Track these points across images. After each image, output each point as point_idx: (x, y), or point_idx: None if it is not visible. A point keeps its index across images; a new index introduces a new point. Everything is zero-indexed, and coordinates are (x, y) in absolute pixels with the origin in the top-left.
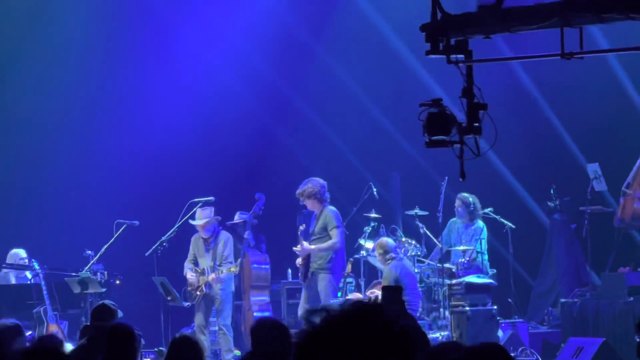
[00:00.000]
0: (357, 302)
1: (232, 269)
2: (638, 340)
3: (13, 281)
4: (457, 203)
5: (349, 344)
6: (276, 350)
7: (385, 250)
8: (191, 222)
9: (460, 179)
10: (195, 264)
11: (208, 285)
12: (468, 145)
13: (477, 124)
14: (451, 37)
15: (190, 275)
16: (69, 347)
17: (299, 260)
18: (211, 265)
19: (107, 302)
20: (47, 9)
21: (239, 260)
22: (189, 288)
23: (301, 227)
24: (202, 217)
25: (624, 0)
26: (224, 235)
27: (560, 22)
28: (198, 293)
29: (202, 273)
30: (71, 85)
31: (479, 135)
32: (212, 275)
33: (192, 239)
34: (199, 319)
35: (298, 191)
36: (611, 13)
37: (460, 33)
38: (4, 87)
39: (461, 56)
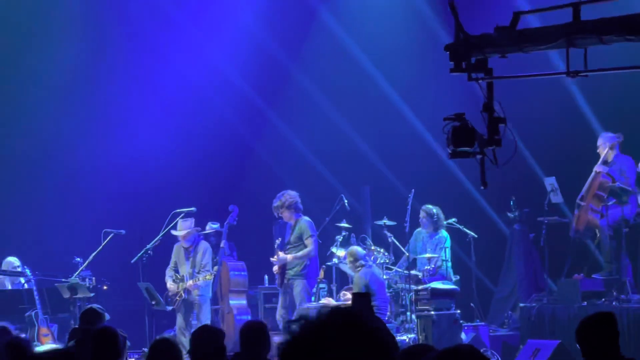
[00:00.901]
0: (334, 309)
1: (207, 277)
2: (578, 347)
3: (9, 287)
4: (422, 214)
5: (328, 350)
6: (263, 353)
7: (355, 258)
8: (173, 232)
9: (482, 187)
10: (176, 271)
11: (187, 291)
12: (488, 155)
13: (497, 137)
14: (472, 56)
15: (170, 283)
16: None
17: (275, 268)
18: (190, 272)
19: (94, 306)
20: (33, 28)
21: (215, 268)
22: (170, 294)
23: (277, 241)
24: (182, 228)
25: (621, 24)
26: (203, 245)
27: (566, 43)
28: (177, 298)
29: (182, 280)
30: (59, 102)
31: (499, 146)
32: (190, 282)
33: (175, 247)
34: (179, 322)
35: (275, 204)
36: (610, 35)
37: (480, 52)
38: None
39: (481, 74)
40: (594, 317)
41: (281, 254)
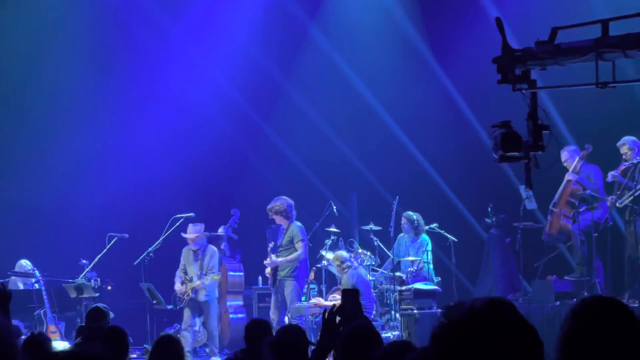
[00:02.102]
0: (491, 299)
1: (215, 277)
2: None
3: (21, 287)
4: (403, 220)
5: (484, 336)
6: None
7: (341, 261)
8: (183, 235)
9: (528, 189)
10: (185, 272)
11: (194, 290)
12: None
13: (541, 143)
14: (516, 69)
15: (177, 285)
16: (65, 345)
17: (268, 270)
18: (198, 274)
19: (100, 305)
20: (40, 45)
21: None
22: (177, 294)
23: (270, 244)
24: (192, 232)
25: (638, 40)
26: (211, 249)
27: (595, 57)
28: (185, 297)
29: (190, 280)
30: (66, 112)
31: (542, 151)
32: (198, 282)
33: (184, 250)
34: (186, 319)
35: (268, 206)
36: (633, 50)
37: (523, 65)
38: (7, 110)
39: (524, 85)
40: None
41: (273, 257)
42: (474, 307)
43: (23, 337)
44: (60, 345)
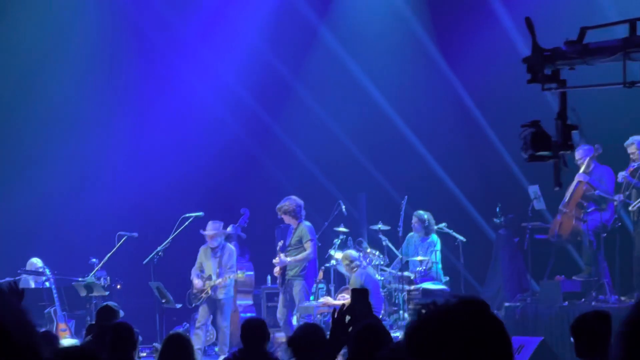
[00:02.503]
0: (463, 297)
1: (239, 275)
2: (572, 340)
3: (32, 285)
4: (414, 219)
5: (454, 333)
6: (263, 346)
7: (350, 261)
8: (202, 232)
9: (557, 188)
10: (202, 271)
11: (214, 288)
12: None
13: (570, 142)
14: (546, 68)
15: (196, 280)
16: (75, 343)
17: (276, 270)
18: (217, 272)
19: (110, 303)
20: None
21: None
22: (194, 291)
23: (280, 243)
24: (211, 229)
25: None
26: (229, 248)
27: (623, 57)
28: (203, 295)
29: (209, 278)
30: (76, 111)
31: (571, 151)
32: (219, 280)
33: (201, 249)
34: (201, 317)
35: (278, 206)
36: None
37: (552, 65)
38: (19, 109)
39: (554, 84)
40: (590, 314)
41: (282, 256)
42: (447, 305)
43: None
44: (69, 343)
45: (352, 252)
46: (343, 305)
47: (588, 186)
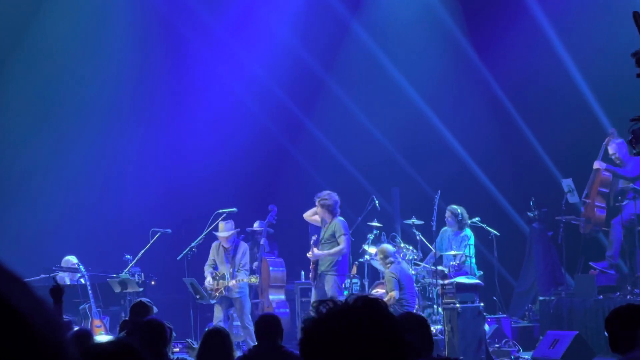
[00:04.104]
0: (362, 296)
1: (253, 279)
2: (607, 334)
3: (67, 282)
4: (447, 214)
5: (349, 331)
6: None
7: (385, 255)
8: (215, 233)
9: None
10: (214, 268)
11: (227, 288)
12: None
13: None
14: None
15: (209, 279)
16: (109, 338)
17: (311, 258)
18: (230, 271)
19: (143, 299)
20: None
21: (255, 264)
22: (208, 289)
23: (314, 237)
24: (224, 230)
25: None
26: (243, 246)
27: None
28: (217, 294)
29: (222, 277)
30: (109, 109)
31: None
32: (233, 282)
33: (213, 245)
34: (217, 315)
35: (317, 195)
36: None
37: None
38: (56, 106)
39: None
40: (625, 308)
41: (316, 251)
42: (345, 303)
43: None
44: (104, 339)
45: (389, 247)
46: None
47: (607, 174)
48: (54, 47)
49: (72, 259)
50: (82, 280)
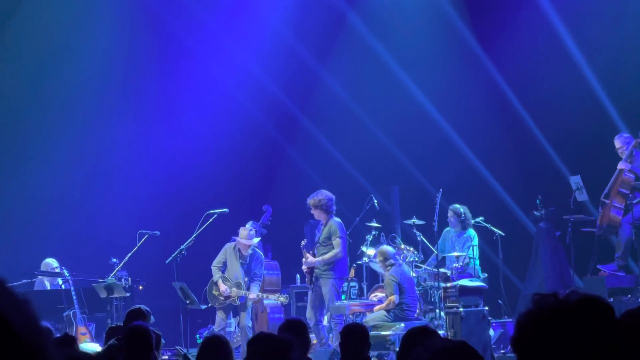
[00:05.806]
0: (587, 295)
1: (281, 299)
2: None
3: (48, 287)
4: (450, 213)
5: (570, 332)
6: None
7: (385, 257)
8: (239, 239)
9: None
10: (222, 270)
11: (241, 298)
12: None
13: None
14: None
15: (221, 283)
16: (96, 346)
17: (304, 268)
18: (245, 280)
19: (142, 307)
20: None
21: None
22: (215, 293)
23: (303, 242)
24: (246, 237)
25: None
26: (258, 254)
27: None
28: (228, 301)
29: (237, 285)
30: (95, 106)
31: None
32: (253, 296)
33: (227, 246)
34: (220, 321)
35: (309, 199)
36: None
37: None
38: (37, 104)
39: None
40: (636, 310)
41: (310, 257)
42: (568, 299)
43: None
44: (90, 347)
45: (389, 248)
46: None
47: (629, 174)
48: (40, 43)
49: (52, 262)
50: (60, 281)
